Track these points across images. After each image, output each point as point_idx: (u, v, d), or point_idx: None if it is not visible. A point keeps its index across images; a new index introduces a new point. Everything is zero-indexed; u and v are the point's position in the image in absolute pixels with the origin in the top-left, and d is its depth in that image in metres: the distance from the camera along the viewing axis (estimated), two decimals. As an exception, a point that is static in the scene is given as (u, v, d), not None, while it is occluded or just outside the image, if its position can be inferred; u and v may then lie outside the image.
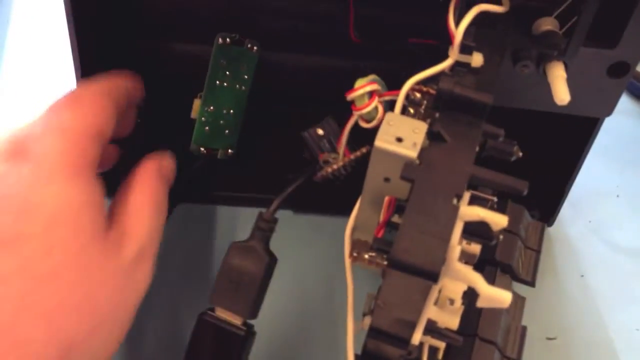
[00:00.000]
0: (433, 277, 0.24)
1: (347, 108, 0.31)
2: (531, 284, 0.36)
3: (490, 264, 0.35)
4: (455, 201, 0.25)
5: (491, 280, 0.35)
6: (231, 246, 0.31)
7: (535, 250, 0.37)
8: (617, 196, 0.45)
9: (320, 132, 0.31)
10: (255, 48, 0.37)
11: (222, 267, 0.31)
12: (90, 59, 0.35)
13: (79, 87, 0.29)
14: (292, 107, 0.39)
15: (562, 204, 0.41)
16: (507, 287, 0.36)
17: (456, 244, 0.25)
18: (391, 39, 0.38)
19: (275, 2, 0.37)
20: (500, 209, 0.35)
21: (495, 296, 0.25)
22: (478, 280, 0.25)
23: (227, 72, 0.36)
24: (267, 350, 0.36)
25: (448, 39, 0.30)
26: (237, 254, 0.31)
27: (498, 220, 0.25)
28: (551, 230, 0.42)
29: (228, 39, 0.36)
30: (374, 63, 0.38)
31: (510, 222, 0.36)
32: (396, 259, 0.24)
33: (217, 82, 0.36)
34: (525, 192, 0.26)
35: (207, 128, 0.36)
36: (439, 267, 0.23)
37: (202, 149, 0.37)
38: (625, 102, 0.52)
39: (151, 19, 0.38)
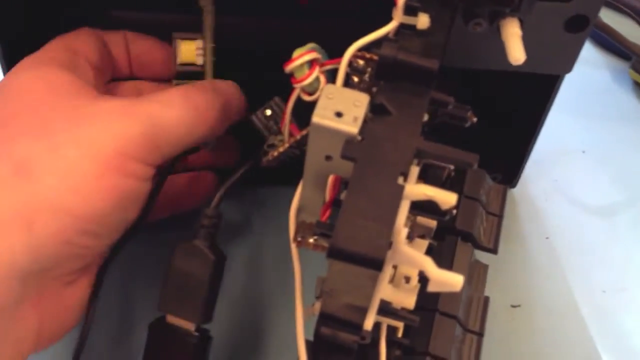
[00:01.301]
0: (376, 265, 0.22)
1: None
2: (493, 251, 0.35)
3: (450, 233, 0.34)
4: (400, 180, 0.23)
5: (452, 250, 0.34)
6: (175, 248, 0.29)
7: (497, 216, 0.36)
8: (583, 152, 0.44)
9: (268, 112, 0.29)
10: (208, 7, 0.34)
11: (168, 271, 0.29)
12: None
13: None
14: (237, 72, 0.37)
15: (525, 164, 0.39)
16: (469, 256, 0.34)
17: (402, 227, 0.23)
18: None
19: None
20: (458, 174, 0.33)
21: (446, 280, 0.23)
22: (427, 264, 0.23)
23: None
24: (227, 344, 0.34)
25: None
26: (182, 256, 0.29)
27: (446, 199, 0.23)
28: (515, 192, 0.41)
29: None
30: (323, 25, 0.36)
31: (470, 187, 0.35)
32: (336, 248, 0.22)
33: None
34: (475, 166, 0.24)
35: None
36: (382, 255, 0.22)
37: None
38: (591, 52, 0.50)
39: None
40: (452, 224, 0.33)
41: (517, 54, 0.28)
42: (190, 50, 0.33)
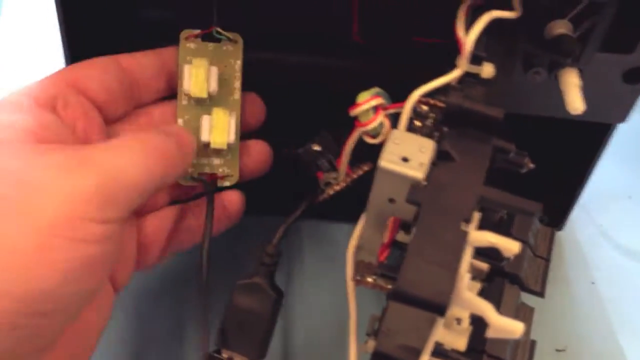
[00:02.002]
0: (440, 310, 0.22)
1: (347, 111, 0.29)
2: (540, 294, 0.35)
3: (498, 275, 0.34)
4: (464, 226, 0.24)
5: (499, 292, 0.34)
6: (236, 285, 0.30)
7: (545, 259, 0.36)
8: (630, 197, 0.44)
9: (317, 148, 0.30)
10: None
11: (228, 307, 0.29)
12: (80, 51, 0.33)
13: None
14: (293, 109, 0.38)
15: (572, 209, 0.40)
16: (516, 298, 0.34)
17: (465, 273, 0.23)
18: (397, 39, 0.36)
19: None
20: (509, 215, 0.33)
21: (507, 327, 0.24)
22: (488, 310, 0.24)
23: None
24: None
25: (455, 45, 0.28)
26: (242, 293, 0.29)
27: (509, 247, 0.24)
28: (561, 235, 0.41)
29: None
30: (379, 65, 0.37)
31: (519, 229, 0.35)
32: (401, 291, 0.22)
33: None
34: (538, 215, 0.25)
35: None
36: (447, 300, 0.22)
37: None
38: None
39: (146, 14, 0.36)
40: (499, 266, 0.34)
41: (576, 104, 0.29)
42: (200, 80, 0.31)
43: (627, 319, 0.39)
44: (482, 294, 0.30)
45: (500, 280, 0.34)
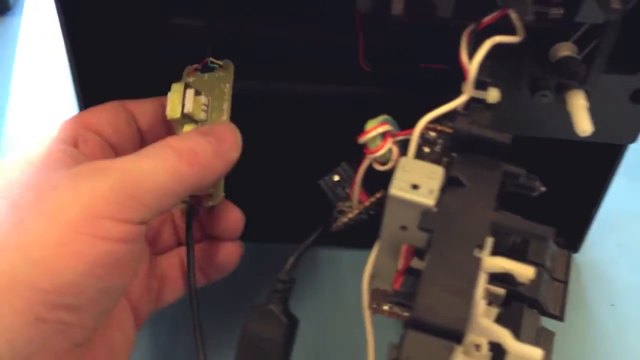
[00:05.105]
0: (457, 338, 0.22)
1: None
2: (560, 318, 0.34)
3: (516, 299, 0.34)
4: (477, 252, 0.24)
5: (518, 317, 0.34)
6: (248, 311, 0.30)
7: (563, 282, 0.35)
8: (646, 216, 0.44)
9: (337, 178, 0.30)
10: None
11: (241, 334, 0.29)
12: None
13: None
14: (303, 137, 0.38)
15: (588, 230, 0.39)
16: (535, 322, 0.34)
17: (480, 299, 0.23)
18: (402, 65, 0.36)
19: (281, 31, 0.36)
20: (523, 239, 0.33)
21: (525, 353, 0.23)
22: (505, 337, 0.24)
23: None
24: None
25: (460, 71, 0.28)
26: (255, 320, 0.30)
27: (524, 272, 0.24)
28: (578, 257, 0.41)
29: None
30: (385, 91, 0.38)
31: (534, 252, 0.35)
32: (418, 320, 0.22)
33: None
34: (550, 239, 0.25)
35: None
36: (463, 328, 0.22)
37: None
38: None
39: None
40: (517, 290, 0.34)
41: (584, 125, 0.29)
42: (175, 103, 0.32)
43: (650, 340, 0.38)
44: (501, 319, 0.30)
45: (519, 304, 0.34)
